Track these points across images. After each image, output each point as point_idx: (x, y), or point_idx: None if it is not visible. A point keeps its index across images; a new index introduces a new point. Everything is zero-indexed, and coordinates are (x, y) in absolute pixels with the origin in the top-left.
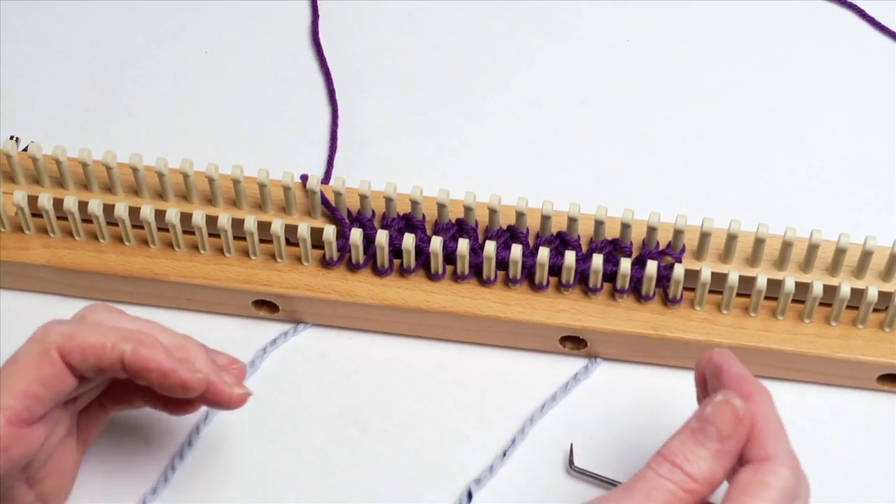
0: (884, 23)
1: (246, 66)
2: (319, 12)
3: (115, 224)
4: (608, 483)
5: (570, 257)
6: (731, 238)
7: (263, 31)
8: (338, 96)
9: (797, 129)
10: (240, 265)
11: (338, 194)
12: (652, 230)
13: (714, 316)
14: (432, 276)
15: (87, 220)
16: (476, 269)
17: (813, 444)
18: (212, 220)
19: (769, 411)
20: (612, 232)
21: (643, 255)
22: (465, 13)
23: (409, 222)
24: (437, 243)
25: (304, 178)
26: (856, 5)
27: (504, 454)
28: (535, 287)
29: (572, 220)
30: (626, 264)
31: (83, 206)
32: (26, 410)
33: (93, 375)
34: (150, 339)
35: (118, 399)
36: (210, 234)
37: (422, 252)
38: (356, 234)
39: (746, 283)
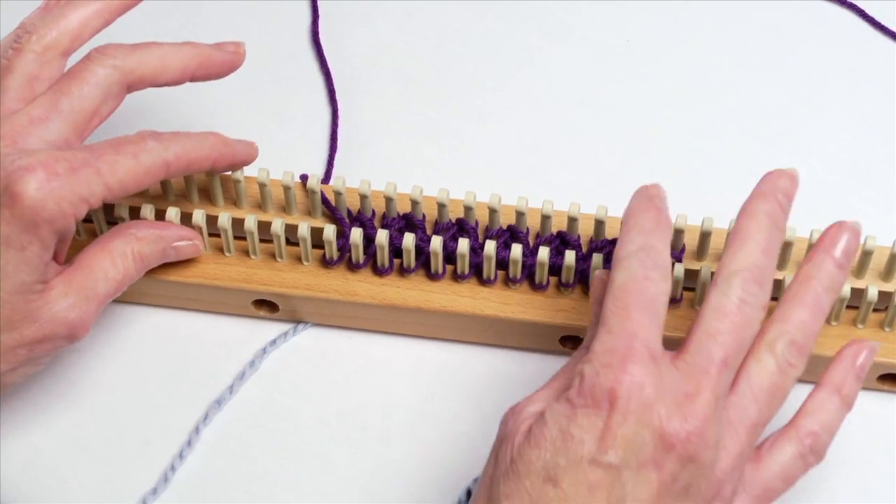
0: (884, 23)
1: (246, 66)
2: (319, 12)
3: (116, 223)
4: None
5: (570, 257)
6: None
7: (263, 31)
8: (338, 96)
9: (797, 129)
10: (240, 264)
11: (338, 194)
12: None
13: None
14: (432, 276)
15: (87, 219)
16: (476, 269)
17: None
18: (212, 220)
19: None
20: (612, 231)
21: None
22: (465, 13)
23: (410, 222)
24: (437, 243)
25: (304, 177)
26: (856, 5)
27: None
28: (536, 287)
29: (572, 220)
30: None
31: None
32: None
33: None
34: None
35: None
36: (210, 234)
37: (422, 252)
38: (356, 234)
39: None
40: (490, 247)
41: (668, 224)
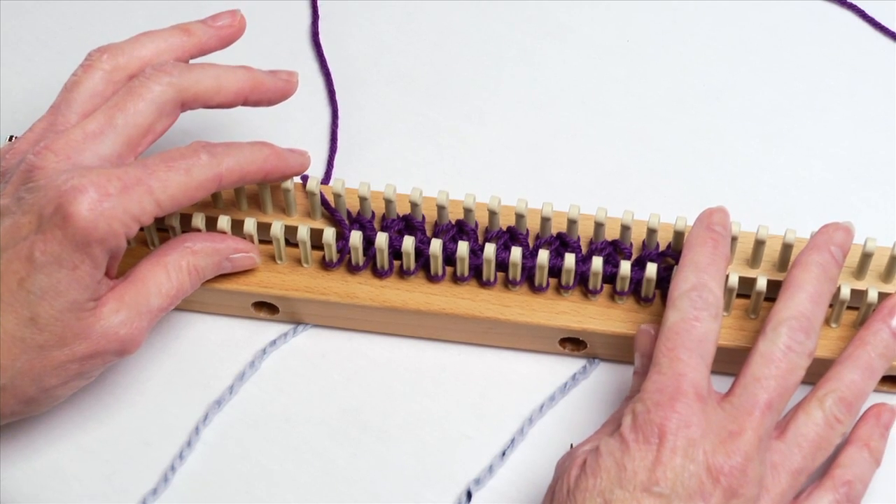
0: (884, 23)
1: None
2: (319, 12)
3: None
4: None
5: (569, 259)
6: (732, 239)
7: (263, 31)
8: (338, 96)
9: (797, 129)
10: None
11: (337, 196)
12: (652, 231)
13: None
14: (432, 278)
15: None
16: (476, 271)
17: None
18: (212, 222)
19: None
20: (611, 233)
21: (643, 256)
22: (465, 13)
23: (409, 224)
24: (436, 245)
25: (305, 179)
26: (856, 5)
27: (503, 454)
28: (535, 289)
29: (572, 222)
30: (625, 266)
31: None
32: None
33: None
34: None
35: None
36: None
37: (421, 254)
38: (356, 236)
39: (746, 284)
40: (490, 249)
41: (725, 255)
